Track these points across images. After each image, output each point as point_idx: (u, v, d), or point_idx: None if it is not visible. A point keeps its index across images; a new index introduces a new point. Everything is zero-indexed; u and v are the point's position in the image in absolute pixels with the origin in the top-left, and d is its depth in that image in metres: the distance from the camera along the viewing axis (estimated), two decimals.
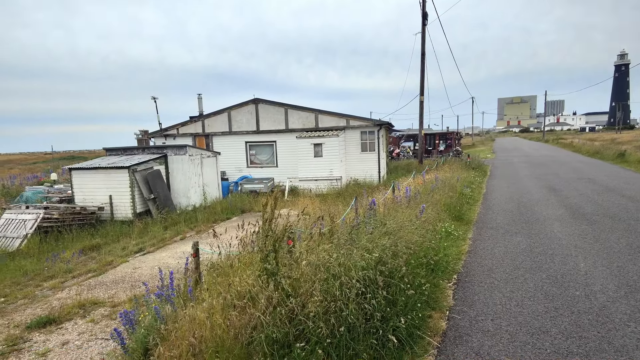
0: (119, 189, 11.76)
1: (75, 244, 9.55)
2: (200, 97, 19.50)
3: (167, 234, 10.37)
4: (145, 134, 49.52)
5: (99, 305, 5.78)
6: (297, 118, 17.92)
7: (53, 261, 8.11)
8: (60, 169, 24.67)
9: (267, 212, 3.28)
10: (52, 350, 4.45)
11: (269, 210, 3.28)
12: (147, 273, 7.29)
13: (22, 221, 9.64)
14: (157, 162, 12.97)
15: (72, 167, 12.49)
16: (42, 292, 6.62)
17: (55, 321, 5.22)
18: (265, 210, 3.34)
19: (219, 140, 18.65)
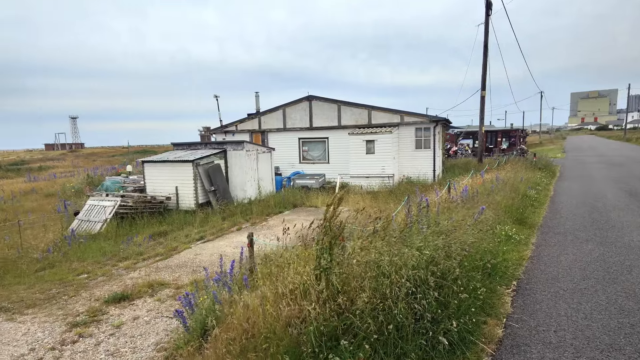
0: (184, 181, 12.71)
1: (146, 229, 10.52)
2: (257, 95, 20.29)
3: (225, 224, 11.00)
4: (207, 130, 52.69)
5: (165, 286, 6.33)
6: (349, 114, 17.90)
7: (127, 244, 9.04)
8: (134, 162, 27.23)
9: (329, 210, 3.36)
10: (125, 323, 4.99)
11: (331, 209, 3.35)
12: (206, 259, 7.82)
13: (102, 207, 10.85)
14: (217, 156, 13.78)
15: (144, 160, 13.75)
16: (118, 271, 7.41)
17: (128, 298, 5.83)
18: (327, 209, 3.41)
19: (274, 136, 19.27)
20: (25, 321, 5.19)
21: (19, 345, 4.49)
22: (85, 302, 5.78)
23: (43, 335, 4.73)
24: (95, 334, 4.67)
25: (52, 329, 4.86)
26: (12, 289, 6.52)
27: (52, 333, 4.76)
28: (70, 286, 6.54)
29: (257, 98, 20.23)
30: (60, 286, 6.57)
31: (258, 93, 20.32)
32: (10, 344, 4.56)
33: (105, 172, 22.31)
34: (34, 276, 7.18)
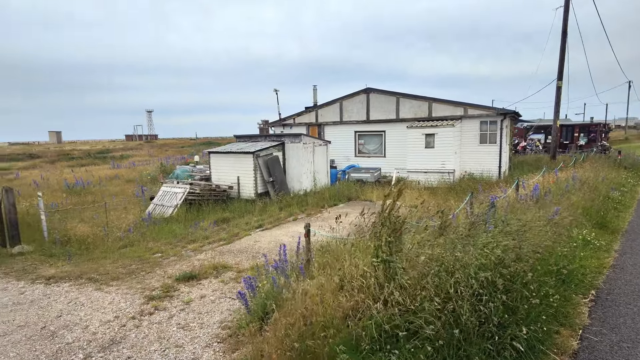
0: (245, 171, 13.35)
1: (211, 215, 11.26)
2: (315, 89, 20.51)
3: (281, 214, 11.38)
4: (265, 123, 54.48)
5: (228, 269, 6.75)
6: (408, 107, 17.37)
7: (195, 228, 9.76)
8: (201, 152, 29.18)
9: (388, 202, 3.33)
10: (193, 300, 5.42)
11: (390, 201, 3.32)
12: (265, 247, 8.17)
13: (174, 193, 11.81)
14: (276, 148, 14.25)
15: (210, 151, 14.68)
16: (187, 252, 8.05)
17: (196, 277, 6.32)
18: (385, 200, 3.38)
19: (330, 129, 19.39)
20: (111, 291, 5.88)
21: (106, 312, 5.11)
22: (159, 278, 6.38)
23: (125, 305, 5.33)
24: (168, 308, 5.14)
25: (133, 300, 5.45)
26: (100, 263, 7.40)
27: (132, 304, 5.34)
28: (147, 263, 7.25)
29: (314, 91, 20.47)
30: (138, 263, 7.31)
31: (316, 86, 20.55)
32: (99, 310, 5.21)
33: (176, 162, 24.22)
34: (117, 252, 8.07)
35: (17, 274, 6.91)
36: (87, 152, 42.14)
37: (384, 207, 3.35)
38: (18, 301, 5.68)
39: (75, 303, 5.48)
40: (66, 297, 5.71)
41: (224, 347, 4.00)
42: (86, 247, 8.36)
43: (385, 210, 3.33)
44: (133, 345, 4.18)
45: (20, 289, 6.17)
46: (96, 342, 4.31)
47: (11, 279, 6.70)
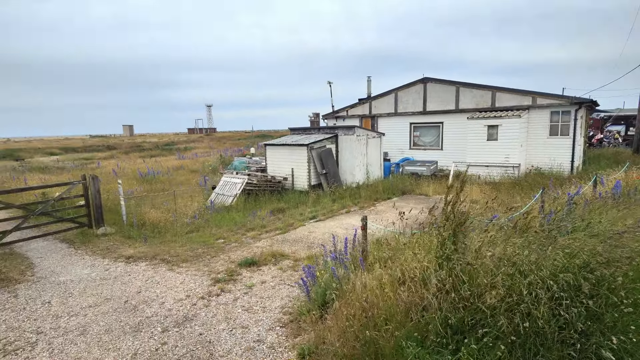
0: (299, 163, 13.62)
1: (267, 205, 11.69)
2: (369, 80, 20.19)
3: (334, 206, 11.47)
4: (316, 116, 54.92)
5: (285, 257, 6.98)
6: (469, 97, 16.44)
7: (253, 217, 10.20)
8: (256, 145, 30.31)
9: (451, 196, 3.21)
10: (255, 285, 5.69)
11: (454, 193, 3.20)
12: (319, 237, 8.31)
13: (234, 183, 12.43)
14: (329, 141, 14.33)
15: (266, 143, 15.17)
16: (246, 239, 8.45)
17: (256, 263, 6.63)
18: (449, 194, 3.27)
19: (384, 121, 19.02)
20: (181, 272, 6.38)
21: (178, 291, 5.57)
22: (223, 262, 6.79)
23: (194, 285, 5.76)
24: (233, 291, 5.46)
25: (201, 282, 5.87)
26: (170, 246, 8.06)
27: (201, 285, 5.75)
28: (211, 248, 7.75)
29: (368, 83, 20.16)
30: (204, 247, 7.84)
31: (370, 78, 20.21)
32: (172, 289, 5.68)
33: (233, 154, 25.42)
34: (185, 237, 8.72)
35: (102, 253, 7.77)
36: (156, 144, 45.82)
37: (447, 200, 3.23)
38: (104, 277, 6.40)
39: (151, 281, 6.04)
40: (144, 275, 6.31)
41: (286, 331, 4.17)
42: (158, 230, 9.14)
43: (449, 203, 3.20)
44: (203, 323, 4.51)
45: (105, 266, 6.94)
46: (171, 317, 4.72)
47: (97, 257, 7.55)
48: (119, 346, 4.11)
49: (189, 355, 3.85)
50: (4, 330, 4.65)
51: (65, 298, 5.55)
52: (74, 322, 4.77)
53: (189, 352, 3.92)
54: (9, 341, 4.36)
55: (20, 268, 6.96)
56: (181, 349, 3.97)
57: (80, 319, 4.83)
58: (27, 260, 7.46)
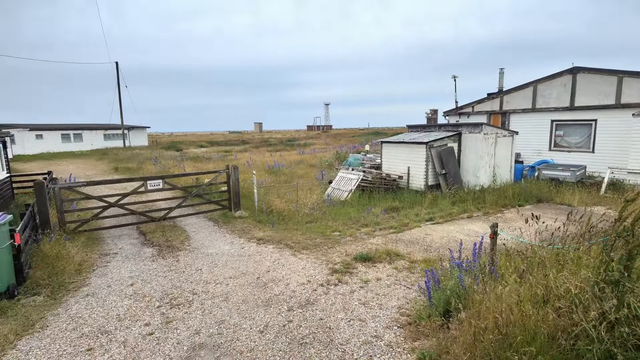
0: (416, 162, 13.17)
1: (381, 203, 11.67)
2: (501, 72, 18.13)
3: (454, 210, 10.73)
4: (434, 112, 51.97)
5: (400, 257, 6.87)
6: (636, 89, 13.26)
7: (367, 213, 10.33)
8: (370, 142, 30.52)
9: (630, 210, 2.66)
10: (370, 281, 5.77)
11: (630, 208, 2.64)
12: (437, 241, 7.90)
13: (349, 179, 12.79)
14: (451, 139, 13.43)
15: (383, 141, 15.12)
16: (360, 235, 8.61)
17: (371, 259, 6.70)
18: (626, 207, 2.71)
19: (517, 118, 16.86)
20: (302, 258, 6.90)
21: (300, 275, 6.04)
22: (339, 254, 7.08)
23: (314, 272, 6.16)
24: (349, 283, 5.65)
25: (320, 270, 6.25)
26: (293, 233, 8.78)
27: (320, 272, 6.12)
28: (328, 239, 8.16)
29: (500, 75, 18.11)
30: (321, 238, 8.30)
31: (503, 69, 18.12)
32: (295, 272, 6.20)
33: (348, 150, 26.14)
34: (305, 226, 9.39)
35: (239, 233, 8.96)
36: (280, 140, 50.43)
37: (622, 214, 2.66)
38: (240, 254, 7.37)
39: (277, 263, 6.70)
40: (271, 257, 7.05)
41: (404, 333, 4.12)
42: (282, 218, 10.06)
43: (623, 219, 2.64)
44: (323, 309, 4.80)
45: (241, 244, 7.99)
46: (295, 299, 5.16)
47: (235, 236, 8.74)
48: (253, 316, 4.70)
49: (311, 337, 4.16)
50: (170, 287, 5.80)
51: (212, 267, 6.61)
52: (219, 289, 5.64)
53: (311, 333, 4.23)
54: (174, 297, 5.43)
55: (180, 238, 8.57)
56: (304, 329, 4.31)
57: (224, 287, 5.69)
58: (185, 232, 9.13)
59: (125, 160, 25.63)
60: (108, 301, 5.34)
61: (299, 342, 4.05)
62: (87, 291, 5.72)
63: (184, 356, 3.90)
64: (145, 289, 5.73)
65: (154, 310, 4.99)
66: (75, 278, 6.24)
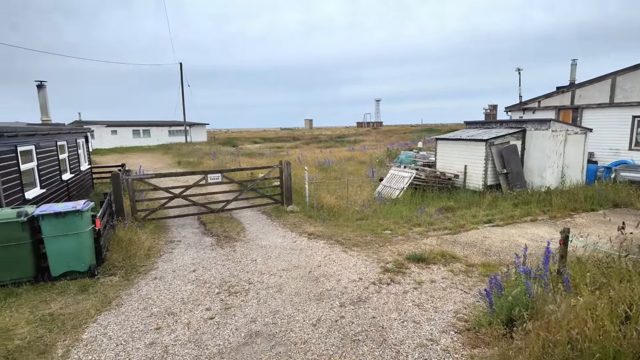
0: (474, 160, 12.49)
1: (435, 202, 11.25)
2: (574, 64, 16.51)
3: (516, 212, 10.04)
4: (493, 108, 48.84)
5: (456, 260, 6.58)
6: None
7: (420, 212, 10.03)
8: (423, 139, 29.53)
9: None
10: (424, 282, 5.60)
11: None
12: (497, 245, 7.45)
13: (401, 177, 12.49)
14: (514, 136, 12.55)
15: (438, 137, 14.55)
16: (413, 234, 8.38)
17: (424, 260, 6.49)
18: None
19: (592, 114, 15.26)
20: (353, 255, 6.89)
21: (351, 272, 6.04)
22: (391, 253, 6.96)
23: (365, 270, 6.12)
24: (402, 283, 5.54)
25: (371, 268, 6.19)
26: (343, 229, 8.79)
27: (371, 270, 6.07)
28: (379, 237, 8.05)
29: (573, 67, 16.49)
30: (372, 235, 8.21)
31: (575, 61, 16.48)
32: (346, 269, 6.21)
33: (400, 147, 25.53)
34: (355, 223, 9.35)
35: (290, 227, 9.17)
36: (330, 137, 50.67)
37: None
38: (292, 247, 7.55)
39: (328, 258, 6.76)
40: (322, 252, 7.13)
41: (462, 339, 3.94)
42: (333, 214, 10.11)
43: None
44: (376, 308, 4.76)
45: (293, 238, 8.18)
46: (347, 295, 5.17)
47: (287, 229, 8.97)
48: (306, 309, 4.80)
49: (363, 334, 4.14)
50: (228, 275, 6.11)
51: (266, 259, 6.85)
52: (273, 280, 5.83)
53: (364, 331, 4.21)
54: (231, 285, 5.71)
55: (236, 230, 8.98)
56: (357, 327, 4.31)
57: (277, 279, 5.87)
58: (240, 224, 9.55)
59: (187, 155, 27.40)
60: (173, 285, 5.76)
61: (352, 339, 4.06)
62: (155, 274, 6.23)
63: (242, 342, 4.09)
64: (205, 276, 6.10)
65: (214, 297, 5.29)
66: (145, 262, 6.82)
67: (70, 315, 4.78)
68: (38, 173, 8.37)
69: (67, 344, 4.17)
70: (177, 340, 4.18)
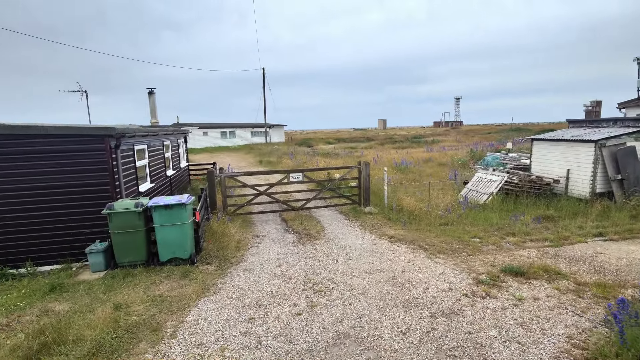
0: (579, 164, 10.96)
1: (530, 210, 10.14)
2: None
3: (635, 225, 8.57)
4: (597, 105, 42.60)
5: (562, 276, 5.80)
6: None
7: (513, 220, 9.12)
8: (511, 139, 26.94)
9: None
10: (526, 300, 5.02)
11: None
12: (612, 262, 6.42)
13: (490, 181, 11.51)
14: (631, 137, 10.72)
15: (534, 138, 13.11)
16: (506, 244, 7.64)
17: (524, 274, 5.84)
18: None
19: None
20: (439, 263, 6.51)
21: (439, 281, 5.70)
22: (482, 264, 6.41)
23: (455, 280, 5.72)
24: (499, 298, 5.05)
25: (461, 278, 5.77)
26: (425, 234, 8.39)
27: (461, 281, 5.65)
28: (467, 245, 7.50)
29: None
30: (458, 243, 7.68)
31: None
32: (433, 277, 5.88)
33: (484, 148, 23.62)
34: (437, 228, 8.86)
35: (369, 228, 9.05)
36: (405, 137, 49.17)
37: None
38: (372, 249, 7.42)
39: (412, 264, 6.49)
40: (405, 257, 6.87)
41: None
42: (413, 217, 9.72)
43: None
44: (471, 322, 4.40)
45: (372, 240, 8.05)
46: (437, 305, 4.88)
47: (366, 231, 8.86)
48: (393, 315, 4.65)
49: (460, 350, 3.85)
50: (311, 273, 6.23)
51: (347, 260, 6.84)
52: (356, 282, 5.78)
53: (460, 346, 3.92)
54: (315, 283, 5.81)
55: (316, 228, 9.15)
56: (451, 341, 4.03)
57: (360, 281, 5.81)
58: (319, 223, 9.71)
59: (267, 155, 28.94)
60: (262, 278, 6.06)
61: (447, 354, 3.80)
62: (244, 266, 6.63)
63: (330, 342, 4.11)
64: (290, 272, 6.31)
65: (300, 293, 5.43)
66: (235, 254, 7.31)
67: (175, 298, 5.31)
68: (149, 169, 9.52)
69: (174, 324, 4.62)
70: (269, 332, 4.36)
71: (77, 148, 6.91)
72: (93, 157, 6.97)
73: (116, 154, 7.17)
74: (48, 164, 6.86)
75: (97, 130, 6.96)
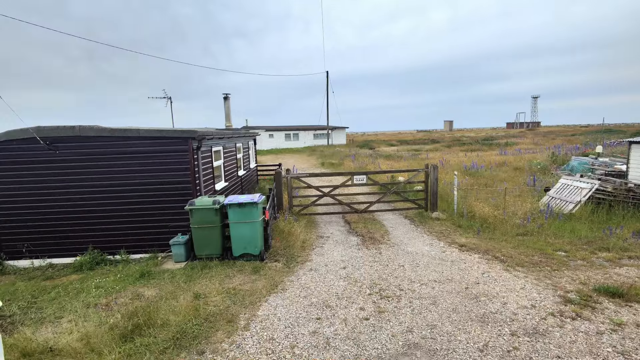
0: None
1: (628, 222, 8.90)
2: None
3: None
4: None
5: None
6: None
7: (607, 234, 8.06)
8: (602, 142, 23.91)
9: None
10: (626, 325, 4.39)
11: None
12: None
13: (577, 188, 10.32)
14: None
15: (632, 140, 11.48)
16: (598, 260, 6.77)
17: (622, 296, 5.12)
18: None
19: None
20: (519, 276, 5.97)
21: (520, 297, 5.23)
22: (570, 281, 5.76)
23: (538, 297, 5.21)
24: (593, 321, 4.48)
25: (546, 295, 5.23)
26: (501, 244, 7.77)
27: (546, 299, 5.13)
28: (550, 259, 6.79)
29: None
30: (540, 256, 6.99)
31: None
32: (512, 291, 5.42)
33: (569, 151, 21.26)
34: (515, 239, 8.16)
35: (437, 235, 8.65)
36: (474, 139, 46.29)
37: None
38: (441, 258, 7.07)
39: (487, 276, 6.05)
40: (478, 268, 6.44)
41: None
42: (487, 225, 9.09)
43: None
44: (560, 346, 3.97)
45: (441, 248, 7.68)
46: (518, 323, 4.49)
47: (434, 237, 8.49)
48: (468, 329, 4.37)
49: None
50: (377, 278, 6.13)
51: (414, 266, 6.61)
52: (425, 290, 5.56)
53: None
54: (382, 288, 5.70)
55: (380, 232, 9.00)
56: None
57: (429, 290, 5.57)
58: (383, 227, 9.54)
59: (329, 157, 29.27)
60: (327, 279, 6.12)
61: None
62: (310, 266, 6.75)
63: (400, 351, 3.99)
64: (355, 275, 6.28)
65: (366, 297, 5.37)
66: (301, 253, 7.48)
67: (247, 292, 5.59)
68: (223, 169, 10.19)
69: (247, 317, 4.87)
70: (337, 334, 4.38)
71: (164, 149, 7.64)
72: (178, 158, 7.64)
73: (197, 155, 7.79)
74: (140, 162, 7.69)
75: (182, 133, 7.63)
